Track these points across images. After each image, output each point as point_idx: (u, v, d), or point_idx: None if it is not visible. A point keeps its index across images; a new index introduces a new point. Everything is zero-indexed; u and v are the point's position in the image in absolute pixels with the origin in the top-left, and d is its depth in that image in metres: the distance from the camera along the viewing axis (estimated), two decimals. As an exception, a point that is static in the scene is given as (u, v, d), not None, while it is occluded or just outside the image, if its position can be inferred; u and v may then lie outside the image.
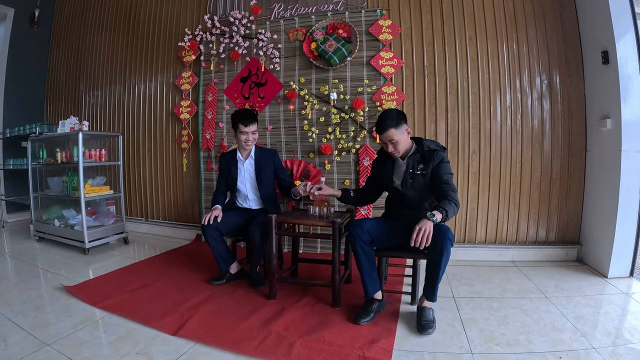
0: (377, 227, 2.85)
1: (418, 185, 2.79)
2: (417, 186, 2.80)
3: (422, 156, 2.81)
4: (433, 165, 2.74)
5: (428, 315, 2.63)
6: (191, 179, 5.14)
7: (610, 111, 3.57)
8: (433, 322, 2.61)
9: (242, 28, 4.63)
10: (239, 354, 2.28)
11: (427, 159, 2.78)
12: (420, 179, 2.78)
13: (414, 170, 2.80)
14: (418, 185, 2.79)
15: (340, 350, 2.29)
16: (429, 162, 2.75)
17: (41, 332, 2.51)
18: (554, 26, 4.01)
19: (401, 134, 2.77)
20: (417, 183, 2.79)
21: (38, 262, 4.09)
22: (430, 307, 2.70)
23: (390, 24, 4.20)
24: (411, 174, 2.81)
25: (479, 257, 4.07)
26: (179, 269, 3.81)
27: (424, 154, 2.80)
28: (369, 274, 2.77)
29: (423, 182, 2.78)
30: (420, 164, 2.79)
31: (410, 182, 2.81)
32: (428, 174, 2.76)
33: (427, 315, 2.62)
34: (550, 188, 4.05)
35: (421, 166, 2.78)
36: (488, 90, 4.08)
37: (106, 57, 5.86)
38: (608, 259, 3.52)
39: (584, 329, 2.55)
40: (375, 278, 2.80)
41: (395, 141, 2.77)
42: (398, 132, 2.75)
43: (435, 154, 2.77)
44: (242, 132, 3.44)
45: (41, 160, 4.98)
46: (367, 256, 2.75)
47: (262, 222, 3.17)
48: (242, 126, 3.43)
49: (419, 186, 2.79)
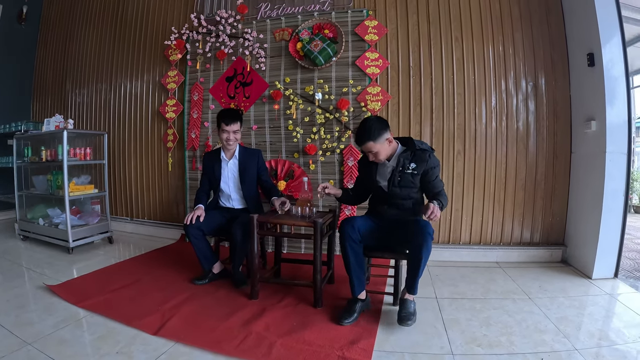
0: (366, 226, 2.85)
1: (406, 183, 2.80)
2: (404, 184, 2.81)
3: (414, 155, 2.80)
4: (426, 168, 2.76)
5: (409, 308, 2.64)
6: (176, 178, 5.12)
7: (595, 113, 3.58)
8: (413, 315, 2.62)
9: (228, 27, 4.62)
10: (218, 353, 2.27)
11: (419, 160, 2.78)
12: (408, 178, 2.79)
13: (404, 168, 2.80)
14: (406, 183, 2.80)
15: (320, 350, 2.28)
16: (422, 163, 2.77)
17: (22, 331, 2.49)
18: (540, 28, 4.02)
19: (381, 145, 2.75)
20: (405, 181, 2.80)
21: (22, 261, 4.06)
22: (412, 300, 2.71)
23: (376, 25, 4.19)
24: (400, 172, 2.80)
25: (463, 257, 4.06)
26: (163, 269, 3.79)
27: (416, 154, 2.80)
28: (357, 274, 2.76)
29: (411, 181, 2.79)
30: (412, 162, 2.79)
31: (398, 180, 2.81)
32: (419, 174, 2.78)
33: (408, 308, 2.63)
34: (535, 189, 4.06)
35: (413, 165, 2.78)
36: (473, 91, 4.09)
37: (93, 55, 5.82)
38: (592, 260, 3.53)
39: (567, 330, 2.55)
40: (362, 278, 2.79)
41: (374, 152, 2.77)
42: (377, 144, 2.74)
43: (428, 156, 2.78)
44: (223, 130, 3.44)
45: (26, 159, 4.94)
46: (356, 255, 2.75)
47: (244, 221, 3.15)
48: (224, 125, 3.42)
49: (407, 185, 2.80)
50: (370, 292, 3.00)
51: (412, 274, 2.67)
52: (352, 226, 2.74)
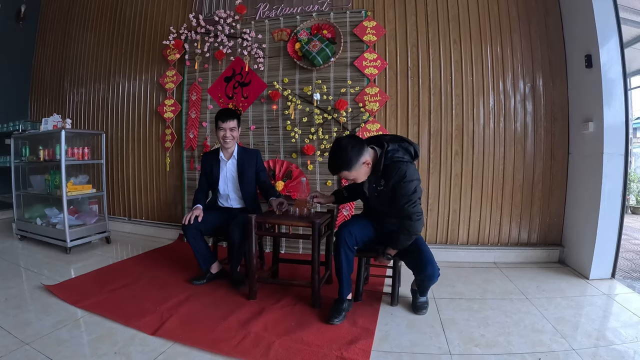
0: (363, 230, 2.85)
1: (383, 198, 2.68)
2: (382, 200, 2.70)
3: (384, 170, 2.58)
4: (393, 183, 2.54)
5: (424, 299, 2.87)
6: (174, 179, 5.12)
7: (593, 114, 3.59)
8: (427, 304, 2.88)
9: (226, 27, 4.62)
10: (216, 354, 2.28)
11: (388, 173, 2.56)
12: (383, 194, 2.66)
13: (377, 185, 2.69)
14: (383, 198, 2.68)
15: (319, 350, 2.29)
16: (390, 177, 2.55)
17: (20, 331, 2.49)
18: (538, 30, 4.03)
19: (357, 172, 2.55)
20: (382, 197, 2.69)
21: (20, 261, 4.05)
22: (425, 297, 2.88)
23: (375, 25, 4.20)
24: (374, 189, 2.72)
25: (461, 258, 4.07)
26: (161, 269, 3.79)
27: (386, 168, 2.57)
28: (347, 278, 2.77)
29: (387, 196, 2.63)
30: (381, 179, 2.63)
31: (375, 196, 2.75)
32: (389, 191, 2.60)
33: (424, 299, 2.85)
34: (533, 190, 4.07)
35: (382, 182, 2.63)
36: (471, 92, 4.10)
37: (91, 55, 5.81)
38: (590, 260, 3.54)
39: (564, 330, 2.56)
40: (349, 280, 2.81)
41: (351, 179, 2.61)
42: (353, 172, 2.54)
43: (396, 170, 2.52)
44: (220, 128, 3.45)
45: (24, 158, 4.93)
46: (348, 261, 2.75)
47: (242, 221, 3.16)
48: (220, 122, 3.44)
49: (385, 199, 2.67)
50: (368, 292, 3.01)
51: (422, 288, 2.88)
52: (349, 232, 2.73)
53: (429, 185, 4.19)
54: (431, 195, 4.19)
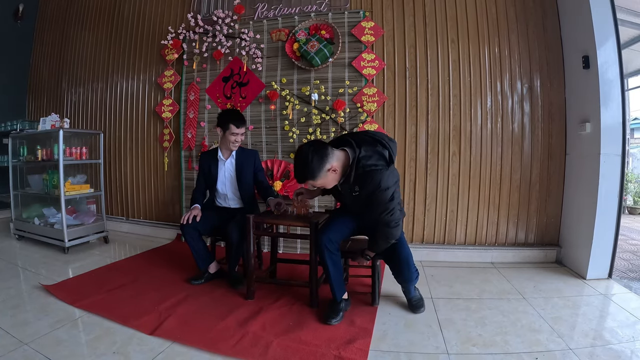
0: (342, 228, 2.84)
1: (359, 202, 2.62)
2: (358, 203, 2.64)
3: (357, 178, 2.50)
4: (367, 192, 2.49)
5: (415, 295, 2.84)
6: (172, 178, 5.12)
7: (590, 115, 3.60)
8: (422, 300, 2.91)
9: (225, 27, 4.62)
10: (215, 353, 2.28)
11: (362, 181, 2.49)
12: (358, 198, 2.59)
13: (351, 191, 2.59)
14: (359, 202, 2.62)
15: (317, 350, 2.29)
16: (364, 185, 2.49)
17: (19, 331, 2.49)
18: (535, 31, 4.04)
19: (323, 180, 2.47)
20: (357, 201, 2.62)
21: (17, 261, 4.05)
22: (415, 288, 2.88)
23: (373, 26, 4.20)
24: (349, 194, 2.63)
25: (459, 258, 4.08)
26: (159, 269, 3.79)
27: (358, 176, 2.49)
28: (336, 280, 2.77)
29: (363, 201, 2.58)
30: (355, 185, 2.54)
31: (351, 199, 2.67)
32: (364, 196, 2.53)
33: (415, 295, 2.84)
34: (530, 190, 4.08)
35: (357, 188, 2.54)
36: (469, 92, 4.11)
37: (89, 54, 5.80)
38: (587, 260, 3.55)
39: (561, 330, 2.57)
40: (341, 282, 2.81)
41: (319, 186, 2.55)
42: (319, 180, 2.45)
43: (370, 179, 2.45)
44: (233, 132, 3.41)
45: (22, 158, 4.92)
46: (334, 264, 2.74)
47: (240, 221, 3.17)
48: (234, 127, 3.40)
49: (361, 203, 2.61)
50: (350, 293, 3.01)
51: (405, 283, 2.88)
52: (329, 239, 2.69)
53: (427, 185, 4.20)
54: (429, 195, 4.20)
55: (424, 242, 4.24)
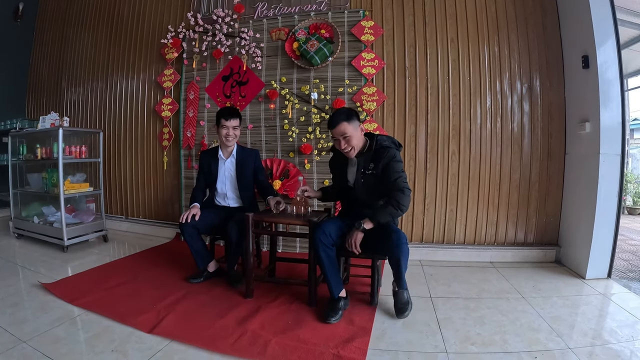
0: (338, 229, 2.85)
1: (369, 184, 2.79)
2: (368, 185, 2.80)
3: (374, 154, 2.78)
4: (383, 164, 2.72)
5: (403, 298, 2.74)
6: (171, 177, 5.12)
7: (589, 115, 3.60)
8: (408, 303, 2.76)
9: (225, 26, 4.62)
10: (213, 352, 2.28)
11: (378, 158, 2.75)
12: (370, 179, 2.78)
13: (365, 169, 2.79)
14: (369, 184, 2.79)
15: (315, 348, 2.29)
16: (380, 161, 2.73)
17: (17, 329, 2.49)
18: (535, 30, 4.04)
19: (354, 130, 2.74)
20: (368, 182, 2.79)
21: (17, 259, 4.04)
22: (404, 290, 2.78)
23: (373, 25, 4.20)
24: (363, 173, 2.81)
25: (458, 257, 4.08)
26: (157, 267, 3.79)
27: (376, 152, 2.78)
28: (332, 275, 2.78)
29: (374, 182, 2.77)
30: (371, 162, 2.77)
31: (362, 182, 2.81)
32: (378, 173, 2.74)
33: (402, 298, 2.73)
34: (529, 190, 4.08)
35: (372, 165, 2.77)
36: (468, 92, 4.11)
37: (88, 53, 5.80)
38: (586, 260, 3.55)
39: (560, 329, 2.57)
40: (338, 278, 2.81)
41: (348, 136, 2.74)
42: (351, 127, 2.73)
43: (386, 152, 2.73)
44: (222, 126, 3.45)
45: (21, 156, 4.92)
46: (329, 259, 2.76)
47: (240, 220, 3.16)
48: (223, 120, 3.44)
49: (371, 186, 2.79)
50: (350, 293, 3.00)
51: (396, 275, 2.76)
52: (323, 232, 2.74)
53: (426, 184, 4.20)
54: (428, 194, 4.20)
55: (423, 242, 4.24)
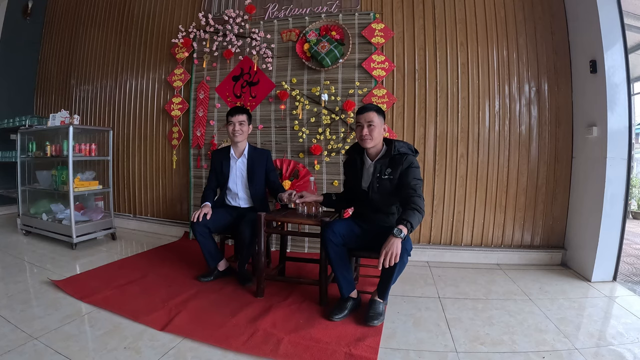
0: (348, 229, 2.87)
1: (384, 189, 2.80)
2: (383, 190, 2.81)
3: (391, 160, 2.80)
4: (401, 170, 2.74)
5: (377, 309, 2.70)
6: (180, 176, 5.14)
7: (596, 119, 3.63)
8: (380, 315, 2.68)
9: (235, 27, 4.65)
10: (226, 349, 2.30)
11: (395, 163, 2.77)
12: (387, 184, 2.79)
13: (381, 174, 2.81)
14: (384, 189, 2.80)
15: (327, 347, 2.31)
16: (398, 167, 2.75)
17: (28, 326, 2.50)
18: (544, 35, 4.07)
19: (380, 123, 2.82)
20: (383, 187, 2.80)
21: (25, 256, 4.06)
22: (381, 302, 2.75)
23: (383, 28, 4.23)
24: (378, 178, 2.82)
25: (465, 259, 4.11)
26: (167, 266, 3.81)
27: (393, 158, 2.80)
28: (343, 274, 2.80)
29: (389, 187, 2.78)
30: (388, 167, 2.80)
31: (377, 186, 2.82)
32: (395, 178, 2.76)
33: (377, 308, 2.70)
34: (536, 193, 4.11)
35: (389, 170, 2.79)
36: (477, 95, 4.14)
37: (98, 51, 5.83)
38: (592, 263, 3.58)
39: (567, 330, 2.60)
40: (349, 278, 2.83)
41: (373, 125, 2.79)
42: (378, 119, 2.81)
43: (404, 158, 2.75)
44: (229, 122, 3.50)
45: (30, 154, 4.93)
46: (339, 258, 2.78)
47: (252, 220, 3.17)
48: (230, 116, 3.51)
49: (386, 191, 2.80)
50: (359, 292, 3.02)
51: (384, 285, 2.73)
52: (332, 230, 2.76)
53: (435, 186, 4.23)
54: (436, 196, 4.23)
55: (430, 243, 4.27)
